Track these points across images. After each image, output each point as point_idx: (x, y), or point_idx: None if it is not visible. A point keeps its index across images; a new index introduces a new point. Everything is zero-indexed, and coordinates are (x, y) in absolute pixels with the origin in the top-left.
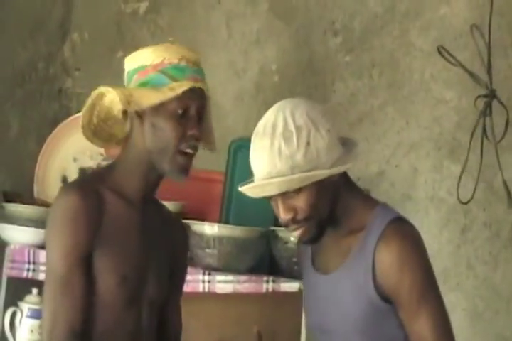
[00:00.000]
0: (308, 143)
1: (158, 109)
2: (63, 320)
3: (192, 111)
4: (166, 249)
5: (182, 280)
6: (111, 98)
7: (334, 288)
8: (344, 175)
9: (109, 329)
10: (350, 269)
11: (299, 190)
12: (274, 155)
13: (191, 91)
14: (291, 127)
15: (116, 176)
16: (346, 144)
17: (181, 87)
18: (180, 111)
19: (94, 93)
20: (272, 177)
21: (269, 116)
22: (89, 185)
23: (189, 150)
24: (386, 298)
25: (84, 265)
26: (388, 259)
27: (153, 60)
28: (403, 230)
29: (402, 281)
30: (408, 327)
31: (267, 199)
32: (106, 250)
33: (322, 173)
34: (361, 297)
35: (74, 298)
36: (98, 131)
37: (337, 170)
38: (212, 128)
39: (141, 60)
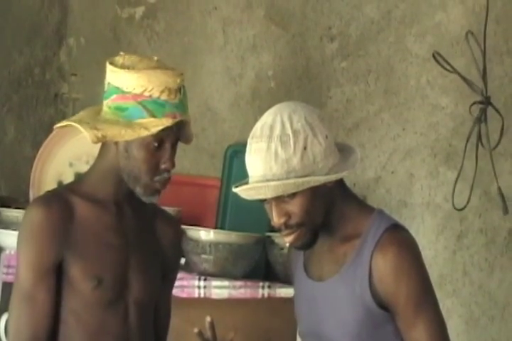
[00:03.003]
0: (305, 148)
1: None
2: (26, 330)
3: (167, 145)
4: (151, 247)
5: (173, 275)
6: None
7: (329, 296)
8: (340, 182)
9: (93, 332)
10: (346, 277)
11: (293, 195)
12: (270, 158)
13: (168, 127)
14: (289, 131)
15: (88, 184)
16: (343, 151)
17: (157, 126)
18: (155, 145)
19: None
20: (267, 180)
21: (266, 118)
22: (56, 196)
23: (163, 181)
24: (383, 306)
25: (50, 276)
26: (385, 267)
27: (134, 88)
28: (400, 238)
29: (399, 289)
30: (405, 334)
31: (261, 202)
32: (78, 256)
33: (318, 179)
34: (357, 304)
35: (38, 312)
36: None
37: (333, 177)
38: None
39: (123, 82)
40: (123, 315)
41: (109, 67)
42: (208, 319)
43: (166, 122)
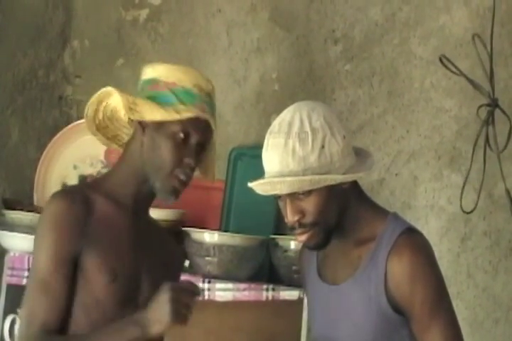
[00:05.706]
0: (322, 147)
1: (161, 126)
2: (39, 319)
3: (193, 140)
4: (160, 253)
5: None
6: (116, 100)
7: (344, 299)
8: (355, 185)
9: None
10: (361, 280)
11: (309, 193)
12: (288, 154)
13: (196, 120)
14: (307, 128)
15: (110, 183)
16: (360, 154)
17: (187, 112)
18: (181, 136)
19: (102, 90)
20: (283, 176)
21: (284, 115)
22: (77, 191)
23: (182, 177)
24: (398, 309)
25: (68, 266)
26: (400, 271)
27: (167, 77)
28: (415, 241)
29: (415, 293)
30: (420, 338)
31: (275, 198)
32: (95, 250)
33: (335, 178)
34: (372, 308)
35: (52, 299)
36: (102, 128)
37: (350, 177)
38: (214, 161)
39: (156, 72)
40: None
41: (144, 68)
42: None
43: (194, 111)
